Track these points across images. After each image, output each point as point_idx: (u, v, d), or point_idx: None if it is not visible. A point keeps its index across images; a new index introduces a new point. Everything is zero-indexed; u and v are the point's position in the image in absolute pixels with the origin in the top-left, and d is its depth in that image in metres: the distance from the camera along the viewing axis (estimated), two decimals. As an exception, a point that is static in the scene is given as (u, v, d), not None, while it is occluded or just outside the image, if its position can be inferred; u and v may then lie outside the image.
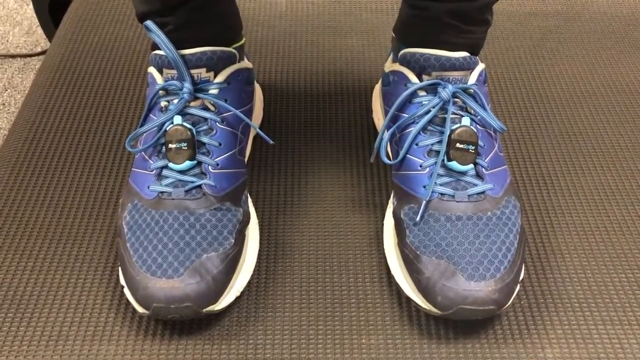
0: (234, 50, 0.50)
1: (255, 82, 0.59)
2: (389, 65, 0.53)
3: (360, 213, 0.54)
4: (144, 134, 0.50)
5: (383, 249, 0.51)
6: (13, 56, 0.96)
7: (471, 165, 0.47)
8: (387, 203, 0.55)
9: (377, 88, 0.63)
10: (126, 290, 0.46)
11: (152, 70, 0.51)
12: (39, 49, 0.97)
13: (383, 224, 0.53)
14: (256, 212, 0.54)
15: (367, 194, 0.56)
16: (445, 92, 0.48)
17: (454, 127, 0.48)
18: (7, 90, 0.91)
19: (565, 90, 0.66)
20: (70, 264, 0.50)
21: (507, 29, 0.74)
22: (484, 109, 0.49)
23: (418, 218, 0.47)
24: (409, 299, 0.47)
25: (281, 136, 0.61)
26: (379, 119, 0.61)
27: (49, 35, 0.92)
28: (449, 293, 0.43)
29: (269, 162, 0.59)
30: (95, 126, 0.62)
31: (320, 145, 0.60)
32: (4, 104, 0.89)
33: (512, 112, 0.64)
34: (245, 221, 0.49)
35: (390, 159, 0.53)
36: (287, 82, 0.67)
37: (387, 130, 0.51)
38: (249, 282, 0.49)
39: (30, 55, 0.95)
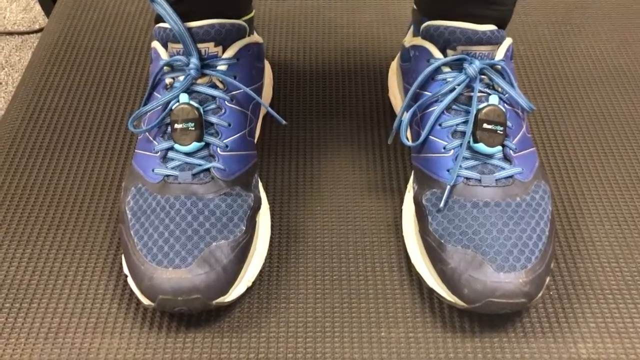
0: (244, 23, 0.47)
1: (265, 59, 0.55)
2: (410, 40, 0.50)
3: (377, 197, 0.51)
4: (148, 114, 0.47)
5: (402, 236, 0.48)
6: (10, 33, 0.92)
7: (499, 148, 0.44)
8: (406, 187, 0.52)
9: (394, 65, 0.59)
10: (130, 280, 0.43)
11: (155, 44, 0.47)
12: (37, 26, 0.93)
13: (402, 210, 0.50)
14: (267, 197, 0.51)
15: (384, 177, 0.53)
16: (471, 69, 0.44)
17: (481, 106, 0.44)
18: (4, 69, 0.87)
19: (592, 68, 0.62)
20: (70, 251, 0.47)
21: (529, 3, 0.71)
22: (512, 86, 0.46)
23: (442, 204, 0.43)
24: (431, 290, 0.44)
25: (292, 116, 0.58)
26: (396, 97, 0.57)
27: (47, 11, 0.88)
28: (477, 285, 0.40)
29: (280, 143, 0.56)
30: (96, 106, 0.59)
31: (334, 126, 0.57)
32: (0, 83, 0.86)
33: (535, 91, 0.60)
34: (256, 207, 0.46)
35: (409, 141, 0.50)
36: (298, 59, 0.64)
37: (408, 110, 0.48)
38: (260, 271, 0.46)
39: (28, 33, 0.92)
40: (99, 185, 0.52)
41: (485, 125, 0.44)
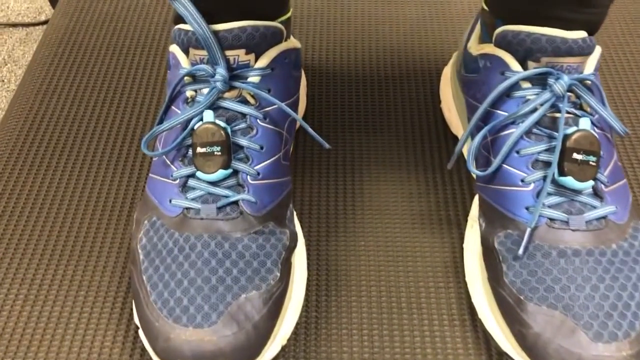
0: (280, 26, 0.39)
1: (299, 64, 0.47)
2: (478, 47, 0.42)
3: (432, 232, 0.44)
4: (164, 132, 0.39)
5: (465, 282, 0.40)
6: (14, 25, 0.85)
7: (591, 182, 0.36)
8: (466, 219, 0.44)
9: (447, 71, 0.51)
10: (142, 334, 0.36)
11: (174, 49, 0.40)
12: (42, 18, 0.86)
13: (462, 248, 0.42)
14: (302, 230, 0.43)
15: (439, 207, 0.45)
16: (559, 85, 0.36)
17: (569, 131, 0.36)
18: (6, 65, 0.80)
19: (677, 77, 0.54)
20: (72, 292, 0.40)
21: None
22: (604, 105, 0.38)
23: (521, 251, 0.36)
24: (503, 354, 0.36)
25: (329, 132, 0.50)
26: (450, 110, 0.49)
27: (54, 1, 0.81)
28: (569, 358, 0.32)
29: (315, 165, 0.48)
30: (105, 113, 0.51)
31: (377, 144, 0.49)
32: (3, 81, 0.78)
33: (612, 106, 0.52)
34: (292, 246, 0.38)
35: (476, 168, 0.42)
36: (333, 63, 0.56)
37: (476, 132, 0.40)
38: (296, 325, 0.38)
39: (33, 25, 0.84)
40: (108, 210, 0.45)
41: (574, 155, 0.36)
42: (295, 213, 0.42)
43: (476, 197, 0.42)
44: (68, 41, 0.58)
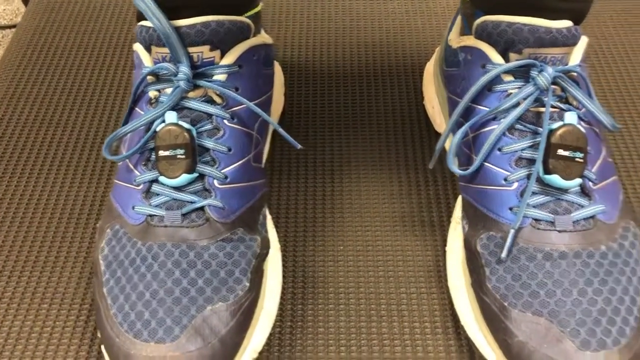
0: (247, 20, 0.37)
1: (274, 61, 0.45)
2: (458, 39, 0.40)
3: (414, 235, 0.42)
4: (128, 135, 0.37)
5: (447, 287, 0.38)
6: (-8, 28, 0.83)
7: (578, 180, 0.34)
8: (449, 221, 0.42)
9: (430, 67, 0.49)
10: (104, 350, 0.34)
11: (137, 47, 0.38)
12: (19, 19, 0.84)
13: (445, 251, 0.40)
14: (277, 235, 0.41)
15: (422, 209, 0.43)
16: (542, 78, 0.34)
17: (555, 126, 0.34)
18: (-17, 69, 0.78)
19: (669, 68, 0.52)
20: (34, 305, 0.38)
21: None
22: (592, 98, 0.36)
23: (504, 254, 0.34)
24: (488, 363, 0.34)
25: (307, 131, 0.48)
26: (434, 107, 0.47)
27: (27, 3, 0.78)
28: (556, 368, 0.30)
29: (293, 166, 0.46)
30: (74, 118, 0.49)
31: (358, 143, 0.47)
32: (-21, 85, 0.76)
33: (602, 101, 0.50)
34: (264, 254, 0.36)
35: (458, 167, 0.40)
36: (313, 60, 0.53)
37: (456, 129, 0.38)
38: (269, 335, 0.36)
39: (10, 27, 0.82)
40: (74, 218, 0.43)
41: (560, 152, 0.34)
42: (270, 217, 0.40)
43: (460, 198, 0.40)
44: (37, 43, 0.56)
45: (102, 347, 0.34)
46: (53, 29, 0.57)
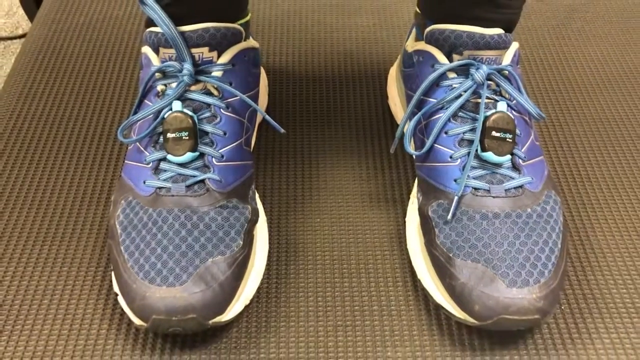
0: (239, 27, 0.44)
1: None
2: (412, 44, 0.48)
3: (379, 209, 0.49)
4: (138, 123, 0.44)
5: (406, 250, 0.46)
6: (-8, 39, 0.89)
7: (508, 156, 0.42)
8: (409, 197, 0.50)
9: (393, 71, 0.57)
10: (120, 299, 0.40)
11: (146, 49, 0.45)
12: (20, 32, 0.90)
13: (405, 221, 0.48)
14: (264, 209, 0.48)
15: (386, 187, 0.51)
16: (478, 74, 0.43)
17: (489, 113, 0.43)
18: (-14, 76, 0.84)
19: (595, 73, 0.61)
20: (56, 268, 0.45)
21: (529, 6, 0.69)
22: (520, 92, 0.44)
23: (449, 216, 0.42)
24: (438, 306, 0.42)
25: (288, 124, 0.56)
26: (396, 104, 0.55)
27: (31, 16, 0.85)
28: (489, 301, 0.38)
29: (276, 153, 0.53)
30: (83, 114, 0.56)
31: (332, 134, 0.55)
32: (-18, 91, 0.82)
33: (539, 97, 0.59)
34: (254, 220, 0.43)
35: (414, 150, 0.48)
36: (293, 65, 0.61)
37: (411, 118, 0.46)
38: (258, 288, 0.43)
39: (11, 38, 0.89)
40: (87, 198, 0.49)
41: (493, 133, 0.42)
42: (257, 194, 0.47)
43: (417, 179, 0.48)
44: (47, 50, 0.63)
45: (119, 297, 0.40)
46: (60, 38, 0.64)
